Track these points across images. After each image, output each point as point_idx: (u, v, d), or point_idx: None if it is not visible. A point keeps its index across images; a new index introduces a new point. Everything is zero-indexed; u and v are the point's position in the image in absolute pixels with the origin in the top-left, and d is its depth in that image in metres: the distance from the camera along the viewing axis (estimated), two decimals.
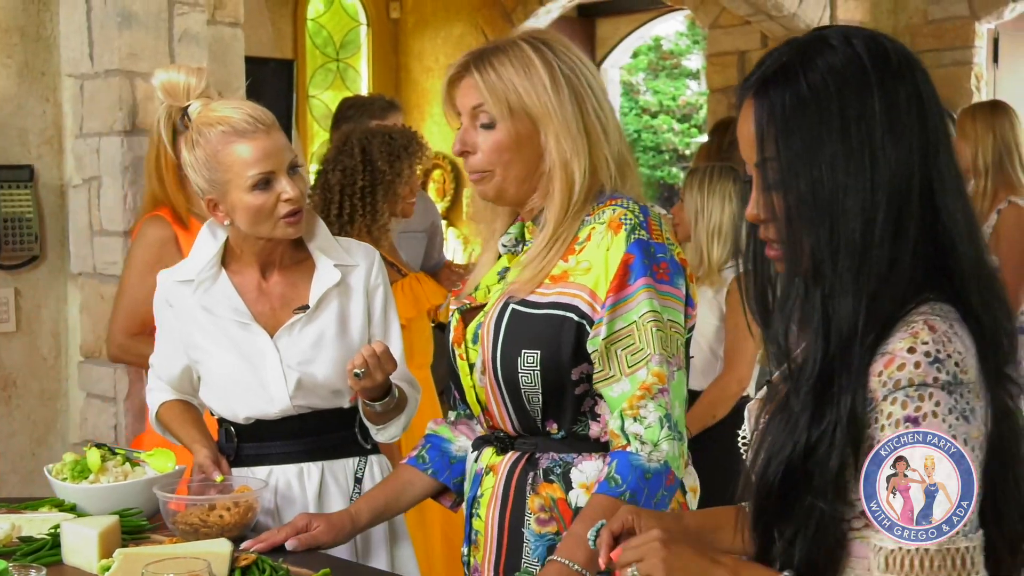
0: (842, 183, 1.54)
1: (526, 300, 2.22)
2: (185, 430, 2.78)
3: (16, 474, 3.91)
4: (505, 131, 2.23)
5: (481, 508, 2.32)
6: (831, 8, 6.13)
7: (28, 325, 3.97)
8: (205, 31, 3.91)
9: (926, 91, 1.59)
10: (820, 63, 1.57)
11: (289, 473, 2.73)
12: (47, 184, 3.98)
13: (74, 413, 4.02)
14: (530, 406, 2.23)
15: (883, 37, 1.61)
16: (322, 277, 2.73)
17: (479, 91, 2.23)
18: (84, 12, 3.81)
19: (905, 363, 1.50)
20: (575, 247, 2.23)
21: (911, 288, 1.56)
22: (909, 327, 1.52)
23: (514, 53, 2.23)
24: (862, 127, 1.54)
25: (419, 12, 8.33)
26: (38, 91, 3.96)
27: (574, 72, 2.23)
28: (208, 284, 2.72)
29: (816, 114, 1.55)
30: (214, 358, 2.72)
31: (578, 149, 2.21)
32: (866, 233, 1.54)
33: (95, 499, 2.64)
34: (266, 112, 2.67)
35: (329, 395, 2.71)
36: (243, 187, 2.61)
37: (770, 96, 1.58)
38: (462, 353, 2.33)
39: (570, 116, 2.21)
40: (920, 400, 1.49)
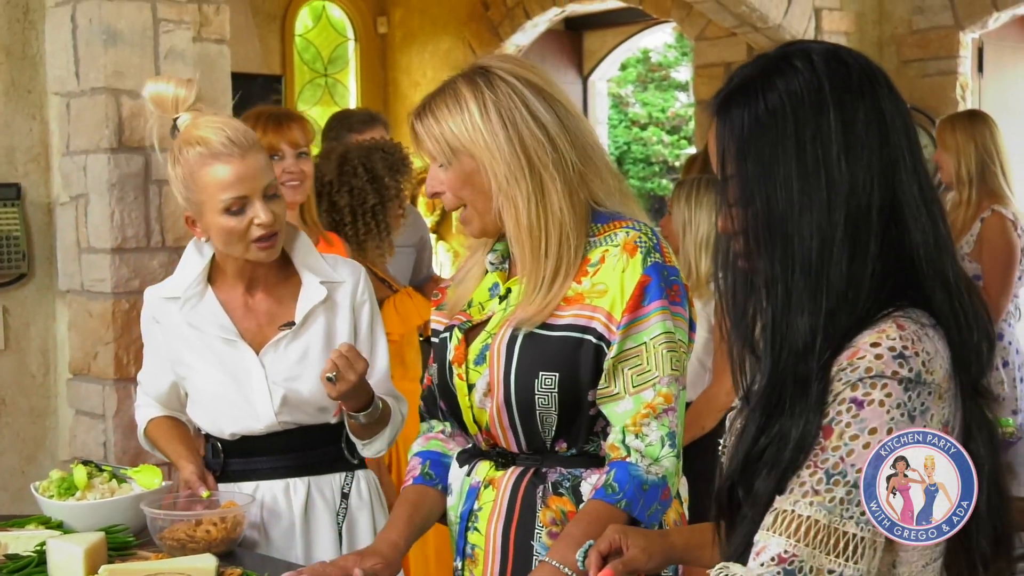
0: (796, 203, 1.55)
1: (540, 323, 2.23)
2: (172, 446, 2.79)
3: (6, 492, 3.91)
4: (455, 170, 2.26)
5: (480, 522, 2.31)
6: (816, 19, 6.15)
7: (17, 343, 3.97)
8: (191, 48, 3.91)
9: (889, 107, 1.60)
10: (779, 83, 1.58)
11: (276, 488, 2.73)
12: (34, 202, 3.99)
13: (63, 430, 4.02)
14: (543, 427, 2.23)
15: (847, 53, 1.63)
16: (308, 294, 2.73)
17: (423, 139, 2.27)
18: (69, 30, 3.82)
19: (867, 355, 1.52)
20: (587, 269, 2.24)
21: (874, 305, 1.56)
22: (877, 326, 1.54)
23: (449, 94, 2.25)
24: (817, 147, 1.55)
25: (406, 27, 8.35)
26: (24, 109, 3.97)
27: (508, 96, 2.22)
28: (194, 301, 2.72)
29: (772, 135, 1.57)
30: (200, 374, 2.73)
31: (516, 173, 2.21)
32: (822, 252, 1.55)
33: (81, 516, 2.65)
34: (247, 133, 2.66)
35: (315, 411, 2.71)
36: (216, 209, 2.61)
37: (731, 115, 1.61)
38: (461, 373, 2.32)
39: (503, 142, 2.21)
40: (871, 388, 1.51)
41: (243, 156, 2.61)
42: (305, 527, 2.72)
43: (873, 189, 1.56)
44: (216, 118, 2.69)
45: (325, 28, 8.34)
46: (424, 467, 2.46)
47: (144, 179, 3.78)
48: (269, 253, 2.66)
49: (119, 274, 3.75)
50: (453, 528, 2.38)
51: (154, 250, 3.80)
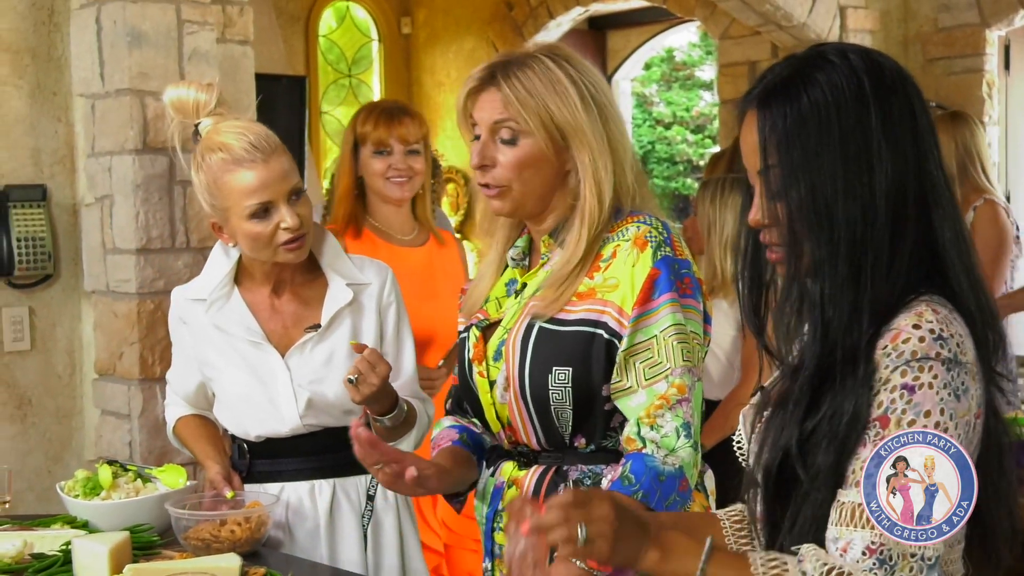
0: (841, 190, 1.62)
1: (553, 317, 2.23)
2: (199, 446, 2.80)
3: (32, 491, 3.92)
4: (530, 147, 2.23)
5: (505, 522, 2.31)
6: (841, 18, 6.12)
7: (43, 343, 3.99)
8: (215, 49, 3.92)
9: (917, 104, 1.68)
10: (820, 78, 1.65)
11: (301, 490, 2.73)
12: (60, 203, 4.01)
13: (89, 430, 4.04)
14: (559, 422, 2.23)
15: (876, 53, 1.71)
16: (334, 296, 2.73)
17: (506, 105, 2.22)
18: (94, 32, 3.83)
19: (911, 337, 1.58)
20: (599, 264, 2.24)
21: (908, 289, 1.63)
22: (912, 309, 1.60)
23: (539, 67, 2.22)
24: (859, 137, 1.63)
25: (430, 27, 8.35)
26: (50, 111, 3.99)
27: (596, 88, 2.25)
28: (221, 303, 2.72)
29: (816, 126, 1.63)
30: (226, 376, 2.73)
31: (607, 166, 2.23)
32: (865, 236, 1.62)
33: (106, 515, 2.66)
34: (269, 137, 2.64)
35: (340, 414, 2.71)
36: (241, 215, 2.60)
37: (772, 108, 1.67)
38: (482, 370, 2.32)
39: (599, 133, 2.22)
40: (920, 371, 1.56)
41: (266, 161, 2.60)
42: (330, 528, 2.72)
43: (909, 180, 1.64)
44: (238, 123, 2.67)
45: (349, 29, 8.35)
46: (461, 436, 2.42)
47: (169, 180, 3.79)
48: (297, 255, 2.65)
49: (144, 275, 3.76)
50: (481, 528, 2.39)
51: (179, 250, 3.81)
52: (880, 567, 1.56)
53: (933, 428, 1.54)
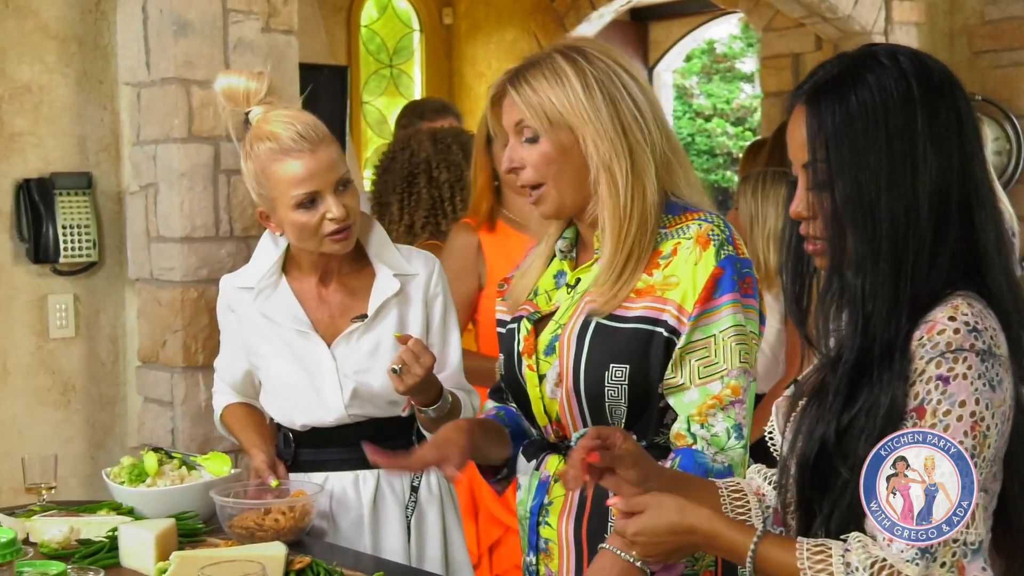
0: (885, 188, 1.66)
1: (612, 314, 2.22)
2: (245, 434, 2.81)
3: (75, 477, 3.95)
4: (548, 143, 2.24)
5: (551, 517, 2.30)
6: (886, 10, 6.07)
7: (87, 330, 4.02)
8: (260, 39, 3.93)
9: (964, 107, 1.72)
10: (870, 78, 1.70)
11: (345, 480, 2.74)
12: (105, 191, 4.03)
13: (132, 417, 4.06)
14: (612, 419, 2.22)
15: (926, 56, 1.75)
16: (381, 286, 2.73)
17: (518, 107, 2.25)
18: (140, 21, 3.85)
19: (946, 328, 1.61)
20: (659, 261, 2.23)
21: (947, 285, 1.67)
22: (949, 303, 1.65)
23: (547, 65, 2.24)
24: (905, 139, 1.67)
25: (472, 18, 8.35)
26: (96, 99, 4.01)
27: (608, 75, 2.23)
28: (268, 292, 2.73)
29: (863, 125, 1.68)
30: (273, 365, 2.74)
31: (617, 150, 2.21)
32: (908, 234, 1.66)
33: (152, 502, 2.68)
34: (317, 127, 2.65)
35: (386, 404, 2.71)
36: (288, 205, 2.61)
37: (821, 105, 1.71)
38: (531, 364, 2.31)
39: (605, 118, 2.21)
40: (954, 362, 1.60)
41: (313, 151, 2.61)
42: (373, 519, 2.73)
43: (953, 181, 1.68)
44: (286, 112, 2.68)
45: (391, 19, 8.36)
46: (499, 413, 2.45)
47: (213, 169, 3.80)
48: (343, 245, 2.66)
49: (188, 263, 3.77)
50: (524, 522, 2.37)
51: (223, 239, 3.82)
52: (922, 557, 1.58)
53: (969, 417, 1.58)
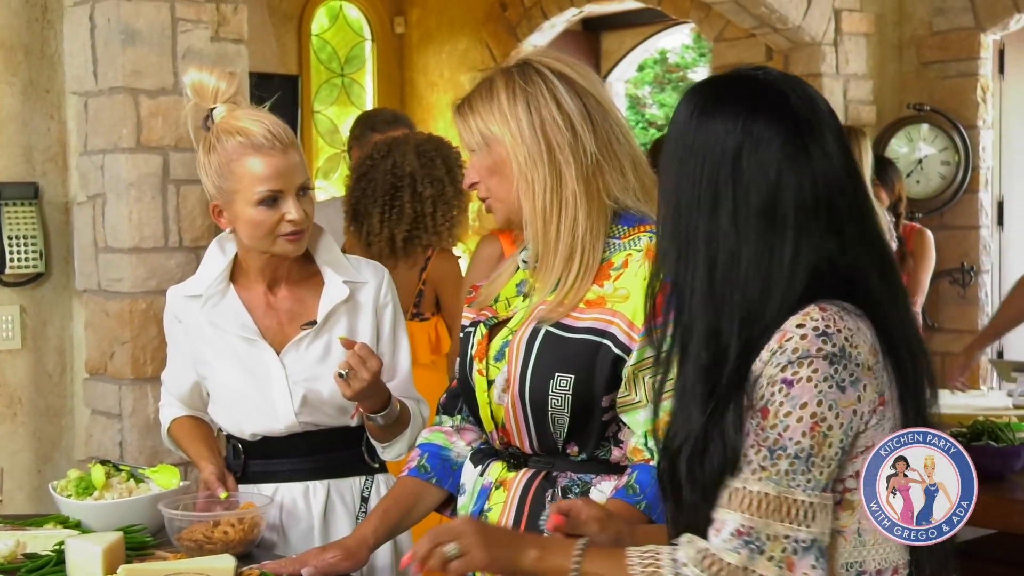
0: (696, 207, 1.71)
1: (560, 323, 2.24)
2: (194, 446, 2.80)
3: (22, 491, 3.93)
4: (485, 157, 2.31)
5: (490, 523, 2.31)
6: (836, 21, 6.13)
7: (33, 342, 3.99)
8: (209, 47, 3.93)
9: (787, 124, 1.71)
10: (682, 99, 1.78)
11: (295, 491, 2.74)
12: (52, 201, 4.01)
13: (79, 430, 4.04)
14: (555, 428, 2.23)
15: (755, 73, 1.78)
16: (330, 293, 2.74)
17: (461, 130, 2.35)
18: (88, 30, 3.84)
19: (793, 336, 1.64)
20: (610, 272, 2.25)
21: (805, 300, 1.67)
22: (801, 311, 1.66)
23: (484, 86, 2.32)
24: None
25: (424, 27, 8.35)
26: (43, 108, 3.99)
27: (537, 84, 2.27)
28: (216, 299, 2.73)
29: (676, 144, 1.76)
30: (221, 373, 2.74)
31: (533, 156, 2.25)
32: (722, 253, 1.70)
33: (99, 516, 2.66)
34: (287, 130, 2.68)
35: (335, 412, 2.72)
36: (249, 201, 2.62)
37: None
38: (481, 368, 2.33)
39: (524, 126, 2.26)
40: (799, 366, 1.63)
41: (284, 151, 2.63)
42: (324, 530, 2.72)
43: (780, 199, 1.69)
44: (255, 111, 2.70)
45: (342, 28, 8.34)
46: (421, 459, 2.49)
47: (162, 179, 3.79)
48: (295, 247, 2.67)
49: (136, 274, 3.76)
50: None
51: (172, 250, 3.81)
52: (745, 547, 1.63)
53: (809, 418, 1.61)
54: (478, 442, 2.47)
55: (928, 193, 6.28)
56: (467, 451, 2.47)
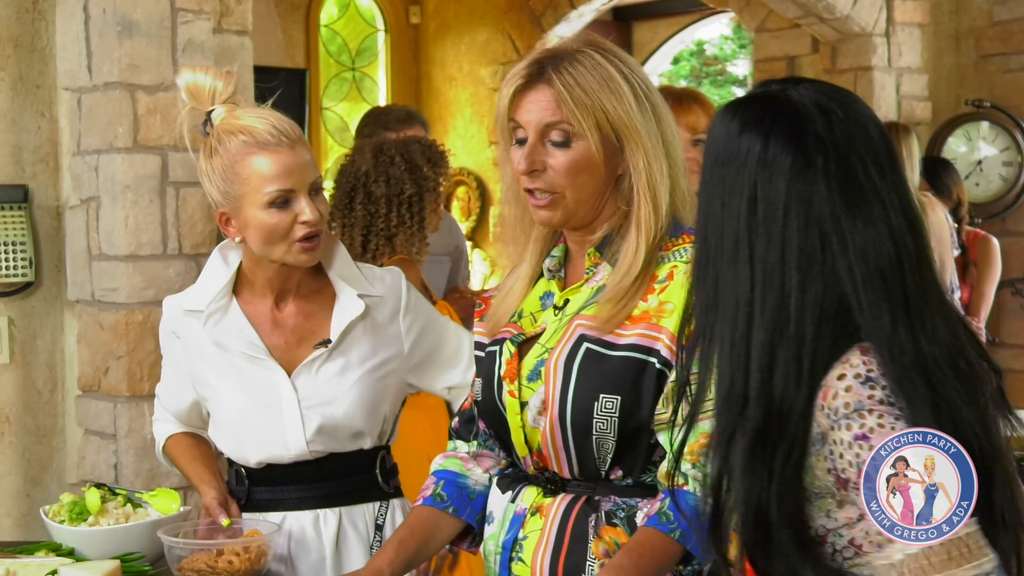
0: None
1: (601, 339, 2.22)
2: (193, 467, 2.80)
3: (9, 517, 3.95)
4: (584, 149, 2.23)
5: (526, 552, 2.30)
6: (888, 10, 6.14)
7: (22, 356, 4.02)
8: (211, 40, 3.95)
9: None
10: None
11: (304, 520, 2.73)
12: (42, 205, 4.03)
13: (71, 451, 4.06)
14: (599, 453, 2.23)
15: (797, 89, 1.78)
16: (344, 308, 2.73)
17: (559, 104, 2.22)
18: (82, 21, 3.86)
19: (838, 391, 1.67)
20: (655, 286, 2.24)
21: (842, 340, 1.71)
22: (843, 357, 1.69)
23: (590, 63, 2.23)
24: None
25: (441, 17, 8.38)
26: (33, 105, 4.02)
27: (648, 86, 2.26)
28: (219, 316, 2.72)
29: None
30: (224, 396, 2.73)
31: (663, 170, 2.24)
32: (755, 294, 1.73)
33: (94, 543, 2.67)
34: (294, 126, 2.67)
35: (349, 438, 2.72)
36: (258, 203, 2.61)
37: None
38: (513, 390, 2.31)
39: (655, 135, 2.23)
40: (862, 418, 1.64)
41: (292, 147, 2.62)
42: (336, 561, 2.71)
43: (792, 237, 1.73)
44: (258, 109, 2.70)
45: (353, 18, 8.38)
46: (436, 488, 2.48)
47: (161, 181, 3.81)
48: (311, 256, 2.66)
49: (133, 283, 3.78)
50: (492, 559, 2.38)
51: (171, 257, 3.83)
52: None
53: None
54: (496, 468, 2.47)
55: (988, 196, 6.28)
56: (484, 478, 2.47)
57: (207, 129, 2.69)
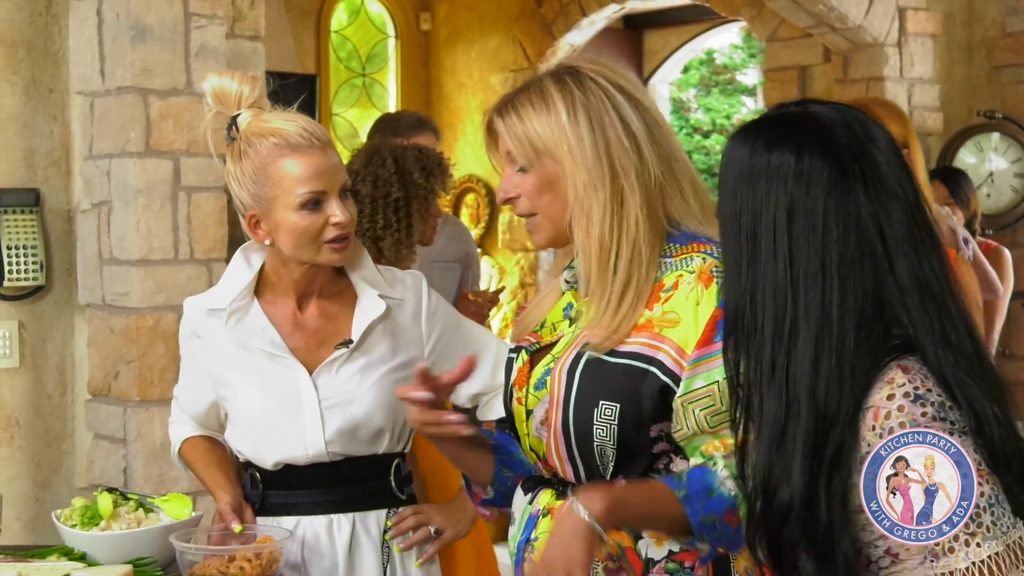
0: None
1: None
2: (209, 472, 2.80)
3: (18, 520, 3.95)
4: (536, 174, 2.29)
5: (536, 552, 2.31)
6: (900, 20, 6.14)
7: (32, 360, 4.03)
8: (224, 45, 3.96)
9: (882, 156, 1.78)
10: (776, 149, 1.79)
11: (318, 525, 2.73)
12: (54, 209, 4.05)
13: (80, 455, 4.07)
14: (601, 461, 2.23)
15: (827, 111, 1.82)
16: (365, 308, 2.75)
17: (504, 138, 2.31)
18: (95, 25, 3.88)
19: (891, 411, 1.67)
20: (660, 295, 2.24)
21: (883, 356, 1.72)
22: (883, 378, 1.70)
23: (535, 91, 2.29)
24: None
25: (452, 23, 8.39)
26: (45, 109, 4.03)
27: (598, 97, 2.26)
28: (240, 315, 2.74)
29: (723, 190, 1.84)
30: (244, 396, 2.74)
31: (595, 180, 2.24)
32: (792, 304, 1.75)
33: (106, 547, 2.68)
34: (322, 128, 2.70)
35: (368, 440, 2.73)
36: (290, 205, 2.63)
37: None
38: (521, 397, 2.34)
39: (587, 147, 2.24)
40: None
41: (323, 149, 2.65)
42: (349, 567, 2.72)
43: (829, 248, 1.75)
44: (285, 112, 2.72)
45: (363, 24, 8.39)
46: (493, 434, 2.48)
47: (173, 185, 3.83)
48: (343, 256, 2.68)
49: (144, 288, 3.79)
50: (513, 558, 2.40)
51: (182, 262, 3.84)
52: None
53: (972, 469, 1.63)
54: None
55: (999, 208, 6.28)
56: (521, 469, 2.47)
57: (232, 134, 2.70)
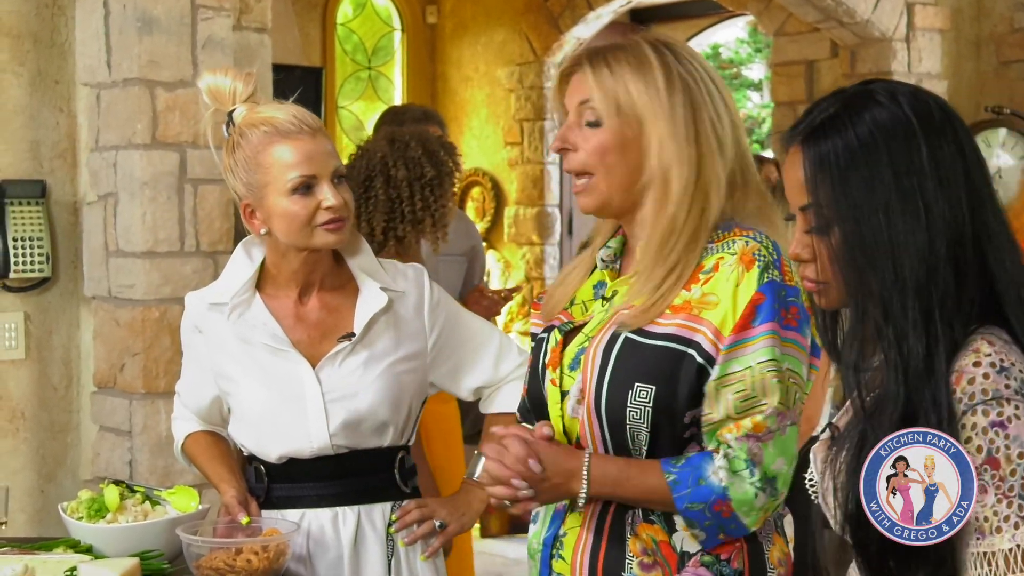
0: (898, 229, 1.73)
1: (640, 328, 2.22)
2: (212, 466, 2.81)
3: (23, 513, 3.96)
4: (610, 131, 2.26)
5: (566, 549, 2.31)
6: (908, 15, 6.13)
7: (38, 352, 4.03)
8: (230, 37, 3.96)
9: (968, 145, 1.79)
10: (867, 117, 1.78)
11: (323, 517, 2.74)
12: (60, 201, 4.04)
13: (86, 447, 4.07)
14: (633, 444, 2.22)
15: (926, 93, 1.83)
16: (367, 300, 2.75)
17: (588, 86, 2.27)
18: (102, 17, 3.88)
19: (975, 376, 1.68)
20: (699, 276, 2.23)
21: (968, 330, 1.74)
22: (970, 345, 1.71)
23: (632, 52, 2.27)
24: (912, 178, 1.74)
25: (458, 17, 8.39)
26: (51, 101, 4.03)
27: (694, 77, 2.26)
28: (242, 309, 2.74)
29: (866, 165, 1.76)
30: (246, 390, 2.75)
31: (683, 157, 2.23)
32: (930, 276, 1.72)
33: (113, 540, 2.68)
34: (314, 116, 2.72)
35: (371, 433, 2.73)
36: (282, 191, 2.65)
37: (819, 145, 1.79)
38: (555, 378, 2.32)
39: (680, 121, 2.23)
40: (1000, 406, 1.66)
41: (312, 135, 2.67)
42: (354, 560, 2.73)
43: (965, 223, 1.75)
44: (277, 103, 2.75)
45: (369, 17, 8.39)
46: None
47: (179, 178, 3.83)
48: (337, 237, 2.68)
49: (150, 280, 3.79)
50: (535, 555, 2.38)
51: (188, 255, 3.84)
52: None
53: None
54: None
55: (1006, 204, 6.26)
56: None
57: (229, 130, 2.72)
